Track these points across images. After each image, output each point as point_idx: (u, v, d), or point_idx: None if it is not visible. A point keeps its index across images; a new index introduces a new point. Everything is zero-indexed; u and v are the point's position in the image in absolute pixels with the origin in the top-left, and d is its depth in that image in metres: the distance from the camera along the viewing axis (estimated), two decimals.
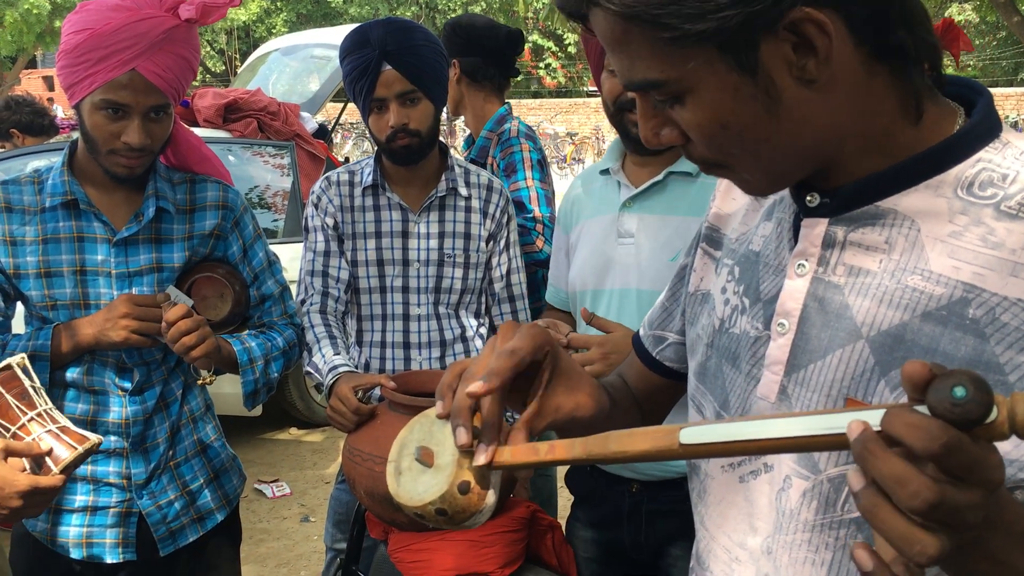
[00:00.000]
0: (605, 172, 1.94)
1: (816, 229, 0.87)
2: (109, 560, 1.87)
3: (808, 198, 0.87)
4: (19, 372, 1.49)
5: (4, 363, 1.48)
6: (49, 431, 1.46)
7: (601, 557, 1.95)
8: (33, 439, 1.43)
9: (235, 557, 2.11)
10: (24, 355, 1.54)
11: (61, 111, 9.60)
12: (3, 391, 1.46)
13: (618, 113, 1.77)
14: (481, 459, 0.79)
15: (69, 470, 1.46)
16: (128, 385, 1.86)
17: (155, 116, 1.75)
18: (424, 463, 0.83)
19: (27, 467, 1.43)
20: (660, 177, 1.79)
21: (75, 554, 1.84)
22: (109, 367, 1.84)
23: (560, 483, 2.69)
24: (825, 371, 0.84)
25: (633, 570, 1.91)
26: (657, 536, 1.84)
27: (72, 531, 1.85)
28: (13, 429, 1.44)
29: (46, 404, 1.50)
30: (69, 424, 1.50)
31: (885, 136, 0.82)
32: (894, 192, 0.82)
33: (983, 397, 0.56)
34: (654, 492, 1.83)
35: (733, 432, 0.67)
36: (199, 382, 1.85)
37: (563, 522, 2.03)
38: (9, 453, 1.41)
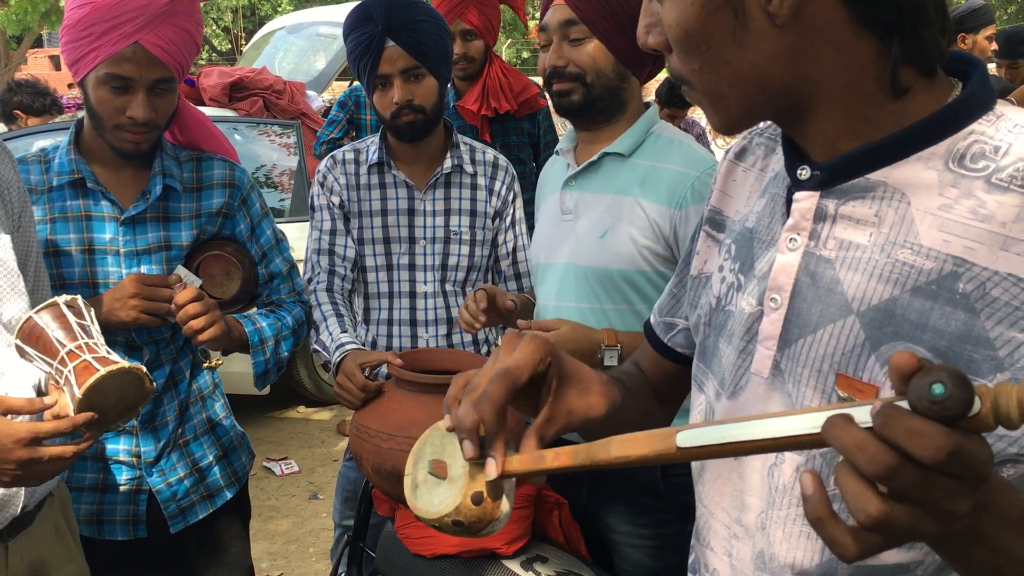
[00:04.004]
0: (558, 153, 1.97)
1: (807, 203, 0.86)
2: (120, 538, 1.89)
3: (800, 171, 0.87)
4: (64, 309, 1.45)
5: (50, 301, 1.45)
6: (83, 360, 1.38)
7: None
8: (68, 372, 1.37)
9: (245, 534, 2.12)
10: (78, 296, 1.49)
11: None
12: (44, 328, 1.42)
13: (547, 85, 1.86)
14: (491, 471, 0.81)
15: (109, 411, 1.38)
16: (138, 364, 1.86)
17: (159, 90, 1.75)
18: (438, 476, 0.85)
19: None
20: (595, 157, 1.82)
21: (86, 532, 1.85)
22: (118, 346, 1.85)
23: None
24: (817, 346, 0.84)
25: (586, 530, 1.92)
26: (600, 498, 1.86)
27: (83, 509, 1.87)
28: (54, 364, 1.40)
29: (89, 338, 1.43)
30: (110, 355, 1.41)
31: (867, 103, 0.82)
32: (884, 164, 0.82)
33: (962, 393, 0.56)
34: None
35: (728, 434, 0.68)
36: (205, 365, 1.85)
37: None
38: (5, 409, 1.33)
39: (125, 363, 1.39)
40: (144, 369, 1.42)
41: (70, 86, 11.54)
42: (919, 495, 0.58)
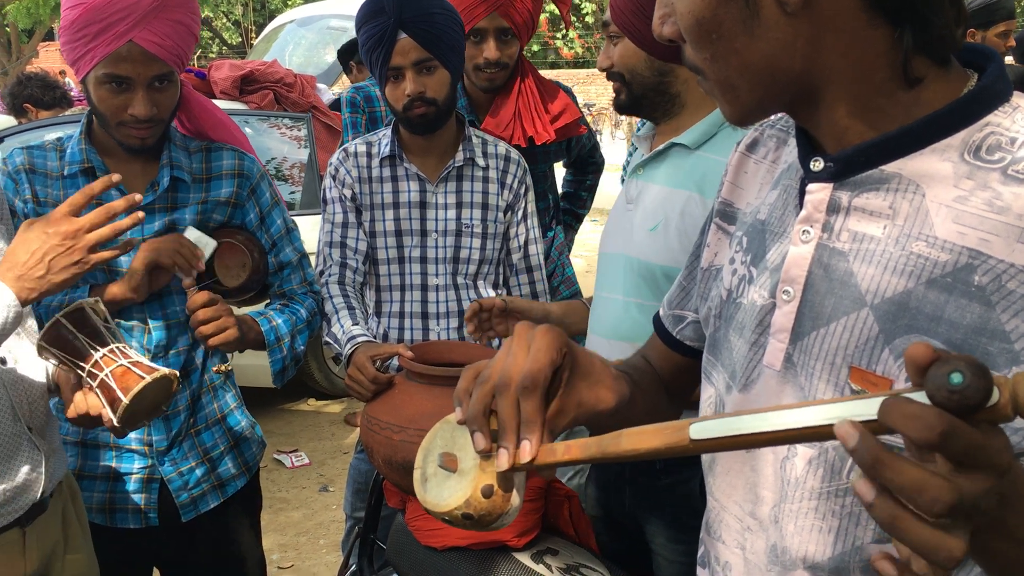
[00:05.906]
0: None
1: (821, 194, 0.86)
2: (131, 526, 1.90)
3: (812, 162, 0.86)
4: (90, 312, 1.50)
5: (75, 304, 1.49)
6: (120, 365, 1.45)
7: (604, 517, 1.95)
8: (104, 376, 1.44)
9: (255, 524, 2.13)
10: (97, 299, 1.55)
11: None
12: (75, 331, 1.46)
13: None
14: (502, 463, 0.79)
15: (140, 412, 1.47)
16: (152, 346, 1.87)
17: (159, 85, 1.75)
18: (448, 469, 0.84)
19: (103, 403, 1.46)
20: (662, 148, 1.77)
21: (98, 520, 1.87)
22: (134, 333, 1.86)
23: None
24: (830, 339, 0.84)
25: (629, 538, 1.91)
26: (640, 506, 1.85)
27: (95, 497, 1.88)
28: (87, 367, 1.45)
29: (118, 342, 1.50)
30: (143, 359, 1.50)
31: (879, 93, 0.81)
32: (899, 156, 0.81)
33: (981, 383, 0.55)
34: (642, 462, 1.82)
35: (742, 426, 0.67)
36: (215, 369, 1.87)
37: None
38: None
39: (164, 370, 1.49)
40: (176, 373, 1.51)
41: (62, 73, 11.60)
42: (976, 512, 0.58)
